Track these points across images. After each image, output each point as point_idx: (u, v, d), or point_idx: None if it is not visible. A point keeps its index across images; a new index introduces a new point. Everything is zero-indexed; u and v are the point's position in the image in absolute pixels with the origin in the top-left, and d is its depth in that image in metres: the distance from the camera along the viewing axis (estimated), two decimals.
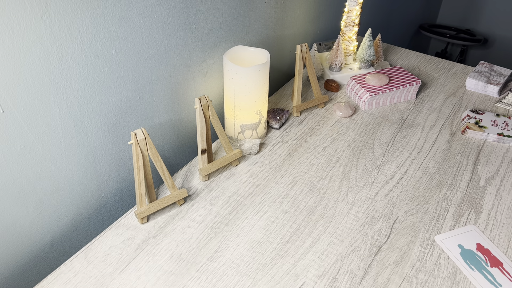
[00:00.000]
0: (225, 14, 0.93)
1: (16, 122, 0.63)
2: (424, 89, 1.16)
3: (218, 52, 0.96)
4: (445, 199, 0.82)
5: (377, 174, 0.88)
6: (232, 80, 0.85)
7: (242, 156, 0.92)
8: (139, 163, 0.73)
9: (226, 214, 0.78)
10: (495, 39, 2.54)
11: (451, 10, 2.62)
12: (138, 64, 0.78)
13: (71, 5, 0.63)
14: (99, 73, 0.72)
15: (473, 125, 0.99)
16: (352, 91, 1.11)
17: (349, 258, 0.71)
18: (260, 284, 0.67)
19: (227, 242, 0.73)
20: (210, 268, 0.69)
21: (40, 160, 0.69)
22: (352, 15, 1.13)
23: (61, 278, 0.67)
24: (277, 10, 1.10)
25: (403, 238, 0.74)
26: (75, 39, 0.66)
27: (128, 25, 0.73)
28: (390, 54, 1.33)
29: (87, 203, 0.81)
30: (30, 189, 0.70)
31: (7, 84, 0.60)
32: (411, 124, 1.03)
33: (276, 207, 0.80)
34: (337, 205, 0.80)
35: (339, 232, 0.75)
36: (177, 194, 0.78)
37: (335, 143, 0.96)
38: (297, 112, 1.04)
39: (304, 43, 1.01)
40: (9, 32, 0.57)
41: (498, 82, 1.13)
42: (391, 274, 0.69)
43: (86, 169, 0.78)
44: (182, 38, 0.85)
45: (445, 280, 0.68)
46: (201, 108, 0.81)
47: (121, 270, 0.69)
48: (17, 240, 0.71)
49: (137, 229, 0.75)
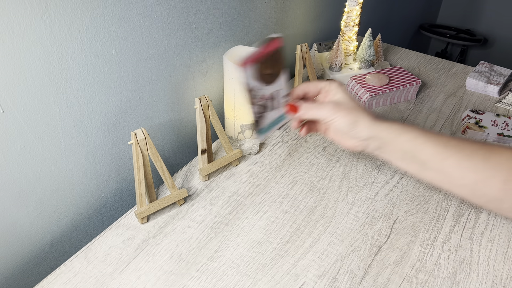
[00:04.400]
0: (225, 14, 0.93)
1: (16, 122, 0.63)
2: (424, 89, 1.16)
3: (218, 52, 0.96)
4: (445, 199, 0.82)
5: (377, 174, 0.88)
6: (232, 80, 0.85)
7: (242, 156, 0.92)
8: (139, 163, 0.73)
9: (226, 214, 0.78)
10: (495, 39, 2.54)
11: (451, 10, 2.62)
12: (138, 64, 0.78)
13: (71, 5, 0.63)
14: (99, 73, 0.72)
15: (473, 125, 0.99)
16: (352, 91, 1.11)
17: (349, 258, 0.71)
18: (260, 284, 0.67)
19: (227, 242, 0.73)
20: (210, 268, 0.69)
21: (40, 160, 0.69)
22: (352, 15, 1.13)
23: (61, 278, 0.67)
24: (277, 10, 1.10)
25: (403, 238, 0.74)
26: (75, 39, 0.66)
27: (128, 25, 0.73)
28: (390, 54, 1.33)
29: (87, 203, 0.81)
30: (30, 189, 0.70)
31: (7, 84, 0.60)
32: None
33: (276, 207, 0.80)
34: (337, 205, 0.80)
35: (339, 232, 0.75)
36: (177, 194, 0.78)
37: (335, 143, 0.96)
38: None
39: (304, 43, 1.01)
40: (9, 32, 0.57)
41: (498, 82, 1.13)
42: (391, 274, 0.69)
43: (86, 169, 0.78)
44: (182, 38, 0.85)
45: (445, 280, 0.68)
46: (201, 108, 0.81)
47: (121, 270, 0.69)
48: (17, 240, 0.71)
49: (137, 229, 0.75)
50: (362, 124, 0.64)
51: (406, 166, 0.66)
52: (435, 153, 0.63)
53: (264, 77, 0.65)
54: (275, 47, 0.64)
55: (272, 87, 0.67)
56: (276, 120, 0.70)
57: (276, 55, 0.64)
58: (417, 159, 0.64)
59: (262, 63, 0.63)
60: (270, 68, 0.64)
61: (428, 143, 0.63)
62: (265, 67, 0.64)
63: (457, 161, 0.62)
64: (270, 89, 0.66)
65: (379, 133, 0.64)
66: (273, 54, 0.64)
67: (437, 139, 0.63)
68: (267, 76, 0.65)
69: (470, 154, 0.62)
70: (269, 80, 0.65)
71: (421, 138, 0.63)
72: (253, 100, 0.65)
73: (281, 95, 0.68)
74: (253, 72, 0.63)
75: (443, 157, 0.63)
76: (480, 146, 0.63)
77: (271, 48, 0.63)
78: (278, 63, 0.65)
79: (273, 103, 0.68)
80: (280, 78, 0.67)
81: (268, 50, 0.63)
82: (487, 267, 0.70)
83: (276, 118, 0.69)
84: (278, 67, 0.66)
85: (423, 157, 0.64)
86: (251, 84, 0.63)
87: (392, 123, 0.65)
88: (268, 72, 0.64)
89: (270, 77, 0.65)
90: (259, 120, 0.67)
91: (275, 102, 0.68)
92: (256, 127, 0.68)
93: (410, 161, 0.65)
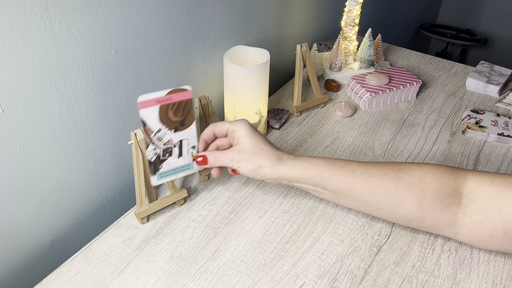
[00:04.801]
0: (225, 14, 0.93)
1: (16, 122, 0.63)
2: (424, 89, 1.16)
3: (218, 52, 0.96)
4: None
5: None
6: (232, 80, 0.85)
7: None
8: (139, 163, 0.73)
9: (226, 214, 0.78)
10: (495, 39, 2.54)
11: (451, 10, 2.62)
12: (138, 64, 0.78)
13: (71, 5, 0.63)
14: (99, 73, 0.72)
15: (473, 125, 0.99)
16: (352, 91, 1.11)
17: (349, 258, 0.71)
18: (260, 284, 0.67)
19: (227, 242, 0.73)
20: (210, 268, 0.69)
21: (40, 160, 0.69)
22: (352, 15, 1.13)
23: (61, 278, 0.67)
24: (277, 10, 1.10)
25: (403, 238, 0.74)
26: (75, 39, 0.66)
27: (128, 25, 0.73)
28: (390, 54, 1.33)
29: (87, 203, 0.81)
30: (30, 189, 0.70)
31: (7, 84, 0.60)
32: (411, 124, 1.03)
33: (276, 207, 0.80)
34: (337, 205, 0.80)
35: (339, 232, 0.75)
36: (177, 194, 0.78)
37: (335, 143, 0.96)
38: (297, 112, 1.04)
39: (304, 43, 1.01)
40: (9, 32, 0.57)
41: (499, 82, 1.13)
42: (391, 274, 0.69)
43: (86, 169, 0.78)
44: (182, 38, 0.85)
45: (445, 280, 0.68)
46: (201, 108, 0.81)
47: (121, 270, 0.69)
48: (17, 240, 0.71)
49: (137, 229, 0.75)
50: (265, 168, 0.66)
51: (321, 196, 0.69)
52: (344, 183, 0.65)
53: (170, 123, 0.68)
54: (184, 98, 0.68)
55: (180, 135, 0.70)
56: (179, 169, 0.73)
57: (186, 105, 0.68)
58: (329, 190, 0.66)
59: (168, 108, 0.67)
60: (178, 115, 0.68)
61: (335, 175, 0.65)
62: (171, 113, 0.68)
63: (368, 188, 0.64)
64: (177, 136, 0.70)
65: (284, 173, 0.66)
66: (182, 103, 0.68)
67: (344, 169, 0.65)
68: (174, 122, 0.68)
69: (380, 178, 0.64)
70: (176, 127, 0.69)
71: (327, 171, 0.65)
72: (154, 141, 0.68)
73: (189, 145, 0.72)
74: (156, 114, 0.66)
75: (352, 186, 0.65)
76: (391, 169, 0.65)
77: (180, 98, 0.67)
78: (187, 113, 0.69)
79: (179, 151, 0.71)
80: (190, 128, 0.70)
81: (176, 98, 0.67)
82: (487, 267, 0.70)
83: (180, 166, 0.72)
84: (187, 117, 0.69)
85: (333, 188, 0.66)
86: (153, 125, 0.67)
87: (296, 161, 0.67)
88: (175, 119, 0.68)
89: (178, 125, 0.69)
90: (160, 163, 0.70)
91: (182, 150, 0.71)
92: (155, 170, 0.70)
93: (323, 192, 0.68)
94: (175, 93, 0.67)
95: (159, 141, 0.68)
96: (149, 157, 0.69)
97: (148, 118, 0.66)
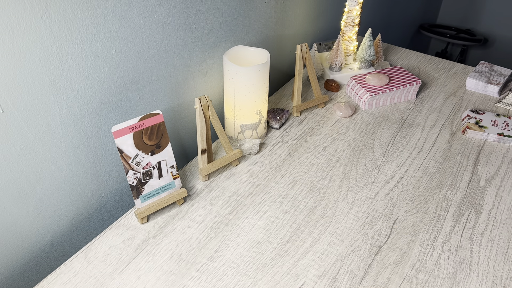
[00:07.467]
0: (225, 14, 0.93)
1: (16, 122, 0.63)
2: (424, 89, 1.16)
3: (218, 52, 0.96)
4: (445, 199, 0.82)
5: (377, 174, 0.88)
6: (232, 80, 0.85)
7: (242, 156, 0.92)
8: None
9: (226, 214, 0.78)
10: (495, 39, 2.54)
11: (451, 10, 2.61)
12: (138, 64, 0.78)
13: (71, 5, 0.63)
14: (99, 73, 0.72)
15: (473, 125, 0.99)
16: (352, 91, 1.11)
17: (349, 258, 0.71)
18: (260, 284, 0.67)
19: (227, 242, 0.73)
20: (210, 268, 0.69)
21: (40, 160, 0.69)
22: (352, 15, 1.13)
23: (61, 278, 0.67)
24: (277, 10, 1.10)
25: (403, 238, 0.74)
26: (75, 39, 0.66)
27: (128, 25, 0.73)
28: (390, 54, 1.33)
29: (87, 203, 0.81)
30: (30, 189, 0.70)
31: (7, 84, 0.60)
32: (411, 124, 1.03)
33: (276, 207, 0.80)
34: (337, 205, 0.80)
35: (339, 232, 0.75)
36: (177, 194, 0.78)
37: (335, 143, 0.96)
38: (297, 112, 1.04)
39: (304, 43, 1.01)
40: (9, 32, 0.57)
41: (498, 82, 1.13)
42: (391, 274, 0.69)
43: (86, 169, 0.78)
44: (182, 38, 0.85)
45: (445, 280, 0.68)
46: (201, 108, 0.81)
47: (121, 270, 0.69)
48: (17, 240, 0.71)
49: (137, 229, 0.75)
50: None
51: None
52: None
53: (146, 147, 0.73)
54: (156, 122, 0.73)
55: (157, 157, 0.75)
56: (161, 189, 0.77)
57: (159, 129, 0.73)
58: None
59: (142, 134, 0.71)
60: (153, 139, 0.73)
61: None
62: (146, 138, 0.72)
63: None
64: (155, 159, 0.75)
65: None
66: (154, 127, 0.73)
67: None
68: (149, 146, 0.73)
69: None
70: (152, 150, 0.74)
71: None
72: (133, 167, 0.72)
73: (168, 165, 0.76)
74: (131, 141, 0.71)
75: None
76: None
77: (152, 122, 0.72)
78: (161, 135, 0.74)
79: (159, 172, 0.76)
80: (166, 149, 0.75)
81: (148, 123, 0.72)
82: (487, 267, 0.70)
83: (162, 186, 0.77)
84: (161, 139, 0.74)
85: None
86: (130, 152, 0.71)
87: None
88: (150, 143, 0.73)
89: (154, 148, 0.74)
90: (142, 186, 0.74)
91: (162, 171, 0.76)
92: (138, 194, 0.74)
93: None
94: (147, 118, 0.71)
95: (137, 166, 0.73)
96: (130, 181, 0.72)
97: (124, 146, 0.70)
